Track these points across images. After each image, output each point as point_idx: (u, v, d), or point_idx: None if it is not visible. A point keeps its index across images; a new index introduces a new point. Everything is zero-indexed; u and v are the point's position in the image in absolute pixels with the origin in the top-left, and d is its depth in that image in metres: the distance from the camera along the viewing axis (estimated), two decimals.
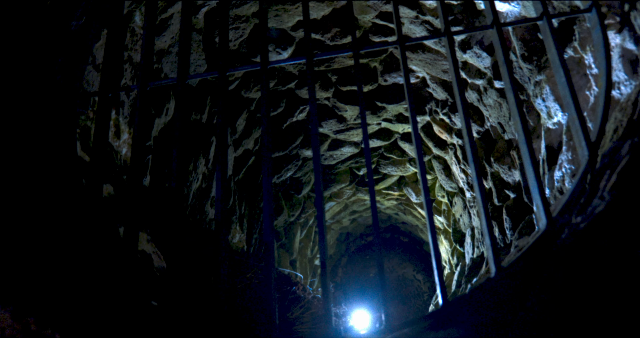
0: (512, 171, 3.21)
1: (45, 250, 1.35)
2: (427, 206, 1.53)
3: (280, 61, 2.04)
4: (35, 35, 1.95)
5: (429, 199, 1.53)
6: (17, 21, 1.82)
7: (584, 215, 1.01)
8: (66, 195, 1.77)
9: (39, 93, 1.92)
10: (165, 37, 3.28)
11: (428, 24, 3.63)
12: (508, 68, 1.68)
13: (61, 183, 1.83)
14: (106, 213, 2.15)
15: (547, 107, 2.45)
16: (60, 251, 1.41)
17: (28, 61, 1.89)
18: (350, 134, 5.59)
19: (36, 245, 1.33)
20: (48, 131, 1.92)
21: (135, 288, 1.70)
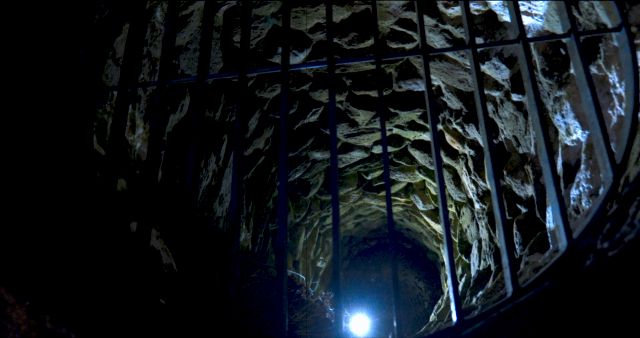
0: (525, 186, 3.18)
1: (60, 245, 1.34)
2: (444, 220, 1.51)
3: (302, 64, 2.03)
4: (58, 27, 1.95)
5: (446, 213, 1.51)
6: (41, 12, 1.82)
7: (610, 241, 0.99)
8: (81, 189, 1.77)
9: (59, 85, 1.92)
10: (184, 33, 3.28)
11: (447, 33, 3.61)
12: (533, 84, 1.66)
13: (77, 176, 1.82)
14: (119, 208, 2.15)
15: (566, 124, 2.42)
16: (75, 247, 1.40)
17: (50, 53, 1.89)
18: (361, 138, 5.58)
19: (51, 240, 1.32)
20: (66, 124, 1.92)
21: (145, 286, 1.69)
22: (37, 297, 1.01)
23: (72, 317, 1.02)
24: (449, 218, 1.49)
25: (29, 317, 0.98)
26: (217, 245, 3.39)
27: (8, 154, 1.42)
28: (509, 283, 1.35)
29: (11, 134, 1.48)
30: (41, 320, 0.97)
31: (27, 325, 0.97)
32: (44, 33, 1.86)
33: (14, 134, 1.52)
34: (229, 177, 4.25)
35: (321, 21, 4.03)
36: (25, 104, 1.68)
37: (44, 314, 0.98)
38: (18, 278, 1.04)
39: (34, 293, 1.02)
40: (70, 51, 2.05)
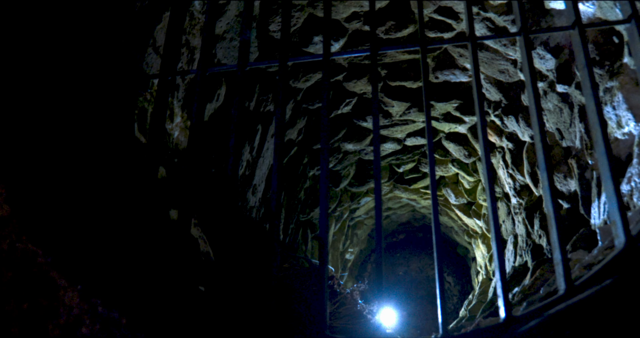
0: (568, 181, 3.07)
1: (107, 231, 1.35)
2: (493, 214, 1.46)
3: (343, 52, 1.99)
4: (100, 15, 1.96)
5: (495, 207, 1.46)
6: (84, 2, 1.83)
7: None
8: (124, 176, 1.79)
9: (101, 74, 1.94)
10: (221, 23, 3.28)
11: (489, 22, 3.50)
12: (589, 72, 1.58)
13: (119, 163, 1.84)
14: (159, 195, 2.17)
15: (617, 116, 2.31)
16: (120, 234, 1.42)
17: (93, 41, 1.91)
18: (394, 130, 5.50)
19: (99, 227, 1.34)
20: (109, 112, 1.94)
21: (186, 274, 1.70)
22: (88, 282, 1.02)
23: (123, 302, 1.02)
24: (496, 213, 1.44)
25: (81, 301, 0.99)
26: (251, 234, 3.41)
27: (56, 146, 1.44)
28: (562, 281, 1.29)
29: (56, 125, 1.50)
30: (93, 304, 0.98)
31: (79, 308, 0.98)
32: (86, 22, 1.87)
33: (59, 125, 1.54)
34: (262, 167, 4.26)
35: (358, 10, 3.97)
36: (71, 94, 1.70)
37: (95, 298, 0.99)
38: (71, 263, 1.05)
39: (85, 277, 1.03)
40: (111, 40, 2.07)
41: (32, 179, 1.24)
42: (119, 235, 1.37)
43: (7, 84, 1.33)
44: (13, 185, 1.18)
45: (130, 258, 1.34)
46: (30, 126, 1.35)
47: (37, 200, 1.19)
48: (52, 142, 1.43)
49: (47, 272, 1.01)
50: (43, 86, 1.49)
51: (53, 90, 1.53)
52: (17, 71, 1.38)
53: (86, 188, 1.46)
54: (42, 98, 1.49)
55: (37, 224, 1.11)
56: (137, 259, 1.36)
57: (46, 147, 1.39)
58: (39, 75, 1.47)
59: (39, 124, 1.40)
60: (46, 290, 1.00)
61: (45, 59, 1.52)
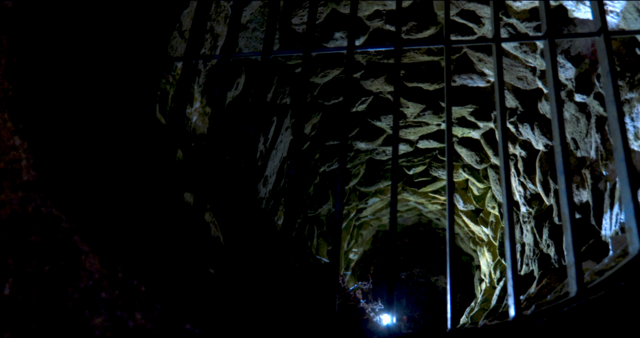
0: (580, 191, 3.06)
1: (126, 203, 1.38)
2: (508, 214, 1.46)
3: (368, 46, 2.00)
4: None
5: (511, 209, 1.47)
6: None
7: None
8: (144, 155, 1.81)
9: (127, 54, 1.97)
10: (245, 12, 3.31)
11: (511, 27, 3.49)
12: (613, 80, 1.58)
13: (141, 142, 1.87)
14: (176, 177, 2.20)
15: (635, 128, 2.31)
16: (140, 209, 1.44)
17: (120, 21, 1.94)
18: (407, 131, 5.50)
19: (118, 197, 1.36)
20: (132, 92, 1.97)
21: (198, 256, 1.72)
22: (109, 248, 1.04)
23: (142, 271, 1.04)
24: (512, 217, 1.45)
25: (102, 267, 1.01)
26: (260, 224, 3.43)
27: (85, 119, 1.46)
28: (574, 283, 1.30)
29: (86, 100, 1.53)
30: (113, 270, 1.00)
31: (99, 273, 1.00)
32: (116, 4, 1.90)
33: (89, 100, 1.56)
34: (274, 159, 4.28)
35: (380, 8, 3.98)
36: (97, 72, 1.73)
37: (116, 264, 1.01)
38: (93, 229, 1.07)
39: (107, 244, 1.05)
40: (139, 21, 2.10)
41: (58, 150, 1.27)
42: (138, 210, 1.39)
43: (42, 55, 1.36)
44: (40, 152, 1.21)
45: (147, 233, 1.36)
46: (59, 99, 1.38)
47: (63, 169, 1.21)
48: (78, 115, 1.46)
49: (69, 237, 1.04)
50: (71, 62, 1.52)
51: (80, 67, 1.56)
52: (52, 46, 1.41)
53: (109, 162, 1.49)
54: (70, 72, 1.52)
55: (62, 191, 1.13)
56: (154, 235, 1.38)
57: (72, 119, 1.42)
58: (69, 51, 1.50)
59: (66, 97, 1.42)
60: (68, 254, 1.03)
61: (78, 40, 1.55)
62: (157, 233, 1.35)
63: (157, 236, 1.33)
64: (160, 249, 1.26)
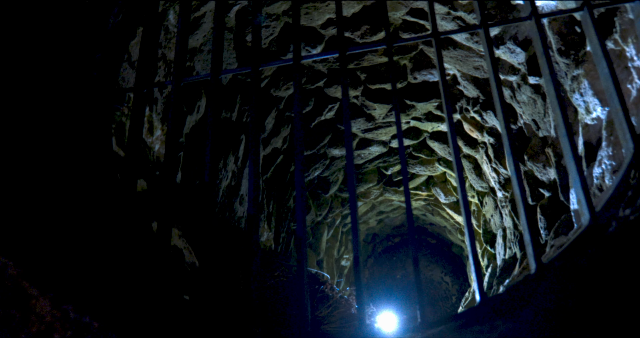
0: (547, 169, 3.12)
1: (82, 241, 1.37)
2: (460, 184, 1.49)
3: (313, 55, 2.03)
4: (74, 33, 1.99)
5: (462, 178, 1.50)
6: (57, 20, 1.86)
7: (632, 207, 0.97)
8: (101, 189, 1.80)
9: (76, 89, 1.96)
10: (197, 35, 3.32)
11: (460, 20, 3.57)
12: (547, 60, 1.63)
13: (97, 178, 1.86)
14: (140, 207, 2.19)
15: (585, 103, 2.37)
16: (96, 243, 1.43)
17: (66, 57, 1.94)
18: (378, 133, 5.55)
19: (72, 236, 1.35)
20: (85, 127, 1.96)
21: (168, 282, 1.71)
22: (60, 289, 1.04)
23: (95, 307, 1.04)
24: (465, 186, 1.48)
25: (53, 308, 1.00)
26: (239, 245, 3.42)
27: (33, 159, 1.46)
28: (532, 260, 1.33)
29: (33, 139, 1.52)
30: (65, 311, 1.00)
31: (51, 315, 1.00)
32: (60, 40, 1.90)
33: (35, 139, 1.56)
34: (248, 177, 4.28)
35: (332, 16, 4.03)
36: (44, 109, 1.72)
37: (67, 305, 1.01)
38: (42, 272, 1.07)
39: (57, 285, 1.04)
40: (86, 56, 2.10)
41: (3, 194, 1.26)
42: (95, 245, 1.38)
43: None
44: None
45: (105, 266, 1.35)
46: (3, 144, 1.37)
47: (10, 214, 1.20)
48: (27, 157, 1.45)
49: (18, 283, 1.03)
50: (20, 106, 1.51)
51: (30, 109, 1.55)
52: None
53: (62, 202, 1.47)
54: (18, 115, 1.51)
55: (8, 237, 1.12)
56: (113, 267, 1.38)
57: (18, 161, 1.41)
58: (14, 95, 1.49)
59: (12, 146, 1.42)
60: (18, 300, 1.02)
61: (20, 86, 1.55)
62: (114, 266, 1.35)
63: (113, 269, 1.32)
64: (117, 281, 1.25)
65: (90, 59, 2.12)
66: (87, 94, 2.04)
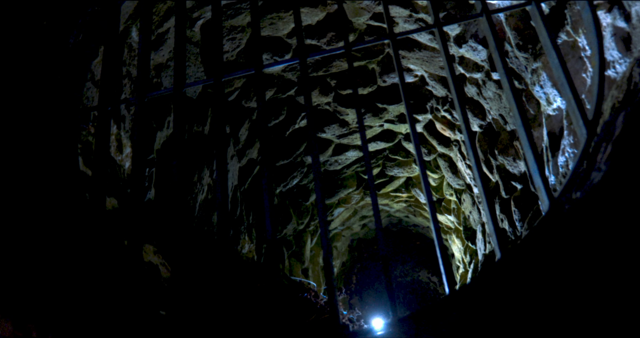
0: (517, 162, 3.19)
1: (48, 261, 1.35)
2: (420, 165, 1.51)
3: (273, 63, 2.04)
4: (34, 54, 1.98)
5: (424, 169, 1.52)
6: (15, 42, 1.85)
7: (582, 190, 1.00)
8: (69, 209, 1.78)
9: (39, 110, 1.94)
10: (162, 51, 3.31)
11: (422, 22, 3.64)
12: (500, 53, 1.67)
13: (64, 198, 1.84)
14: (110, 225, 2.16)
15: (545, 94, 2.43)
16: (63, 263, 1.41)
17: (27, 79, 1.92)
18: (353, 138, 5.59)
19: (38, 257, 1.33)
20: (50, 147, 1.94)
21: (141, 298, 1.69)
22: (22, 309, 1.02)
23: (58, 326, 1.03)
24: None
25: (15, 329, 0.99)
26: (218, 258, 3.39)
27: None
28: (497, 250, 1.35)
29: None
30: (27, 330, 0.98)
31: (13, 336, 0.98)
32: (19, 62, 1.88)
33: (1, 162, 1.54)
34: None
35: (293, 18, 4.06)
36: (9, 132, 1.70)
37: (29, 325, 0.99)
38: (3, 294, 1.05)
39: (19, 305, 1.03)
40: (47, 76, 2.08)
41: None
42: (60, 264, 1.36)
43: None
44: None
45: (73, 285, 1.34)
46: None
47: None
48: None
49: None
50: None
51: None
52: None
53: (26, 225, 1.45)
54: None
55: None
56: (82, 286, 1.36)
57: None
58: None
59: None
60: None
61: None
62: (83, 285, 1.33)
63: (83, 288, 1.30)
64: (86, 299, 1.23)
65: (52, 80, 2.10)
66: (50, 116, 2.02)
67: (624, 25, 1.64)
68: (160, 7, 3.07)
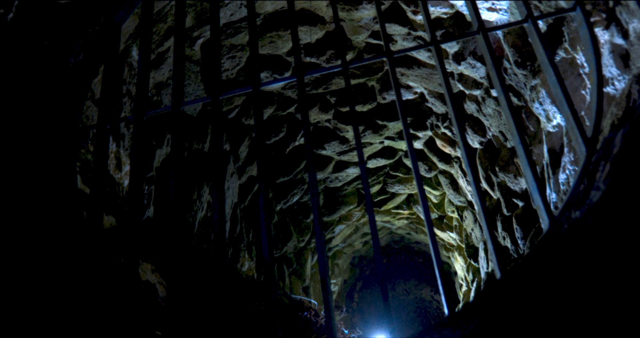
0: (518, 179, 3.17)
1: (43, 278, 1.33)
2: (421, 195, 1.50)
3: (272, 81, 2.05)
4: (35, 74, 1.99)
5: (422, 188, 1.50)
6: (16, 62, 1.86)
7: (582, 208, 0.98)
8: (66, 227, 1.77)
9: (38, 129, 1.94)
10: (163, 70, 3.33)
11: (420, 39, 3.66)
12: (497, 70, 1.67)
13: (61, 215, 1.82)
14: (107, 244, 2.14)
15: (545, 111, 2.43)
16: (60, 280, 1.39)
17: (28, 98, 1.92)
18: (353, 154, 5.59)
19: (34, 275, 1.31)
20: (48, 166, 1.93)
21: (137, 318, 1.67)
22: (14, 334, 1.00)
23: None
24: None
25: None
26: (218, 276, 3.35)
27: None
28: (497, 269, 1.33)
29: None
30: None
31: None
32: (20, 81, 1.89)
33: None
34: (225, 206, 4.24)
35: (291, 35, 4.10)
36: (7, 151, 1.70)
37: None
38: None
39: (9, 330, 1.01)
40: (47, 96, 2.08)
41: None
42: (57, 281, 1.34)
43: None
44: None
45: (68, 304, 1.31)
46: None
47: None
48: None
49: None
50: None
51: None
52: None
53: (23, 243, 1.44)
54: None
55: None
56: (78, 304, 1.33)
57: None
58: None
59: None
60: None
61: None
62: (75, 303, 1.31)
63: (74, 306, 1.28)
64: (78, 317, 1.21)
65: (51, 99, 2.11)
66: (50, 135, 2.02)
67: (622, 42, 1.64)
68: (161, 26, 3.10)
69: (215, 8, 2.10)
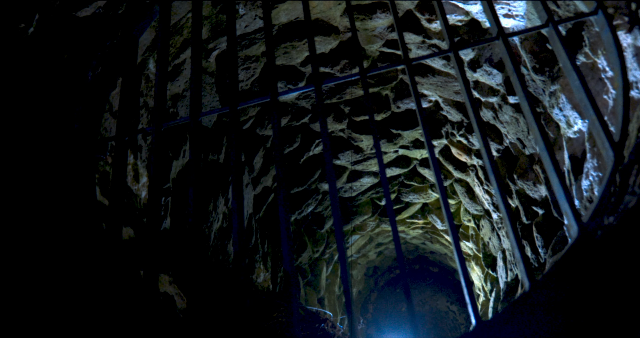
0: (538, 187, 3.12)
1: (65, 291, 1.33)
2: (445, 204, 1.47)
3: (289, 91, 2.05)
4: (54, 86, 2.01)
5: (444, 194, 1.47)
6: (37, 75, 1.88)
7: (615, 214, 0.95)
8: (86, 239, 1.77)
9: (58, 141, 1.96)
10: (179, 81, 3.36)
11: (435, 47, 3.65)
12: (518, 76, 1.65)
13: (81, 228, 1.83)
14: (126, 255, 2.14)
15: (565, 117, 2.39)
16: (80, 294, 1.39)
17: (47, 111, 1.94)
18: (368, 164, 5.56)
19: (55, 287, 1.31)
20: (68, 178, 1.94)
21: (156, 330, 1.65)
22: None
23: None
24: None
25: None
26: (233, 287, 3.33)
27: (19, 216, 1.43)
28: (525, 278, 1.29)
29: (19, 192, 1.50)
30: None
31: None
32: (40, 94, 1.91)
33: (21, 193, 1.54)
34: None
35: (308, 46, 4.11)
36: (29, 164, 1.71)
37: None
38: None
39: None
40: (67, 108, 2.10)
41: None
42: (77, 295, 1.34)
43: None
44: None
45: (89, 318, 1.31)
46: None
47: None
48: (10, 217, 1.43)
49: None
50: None
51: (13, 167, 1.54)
52: None
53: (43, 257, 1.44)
54: None
55: None
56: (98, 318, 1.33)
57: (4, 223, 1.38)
58: None
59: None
60: None
61: None
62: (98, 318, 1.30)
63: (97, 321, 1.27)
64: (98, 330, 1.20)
65: (71, 112, 2.13)
66: (69, 147, 2.03)
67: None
68: (177, 39, 3.13)
69: (232, 19, 2.12)
